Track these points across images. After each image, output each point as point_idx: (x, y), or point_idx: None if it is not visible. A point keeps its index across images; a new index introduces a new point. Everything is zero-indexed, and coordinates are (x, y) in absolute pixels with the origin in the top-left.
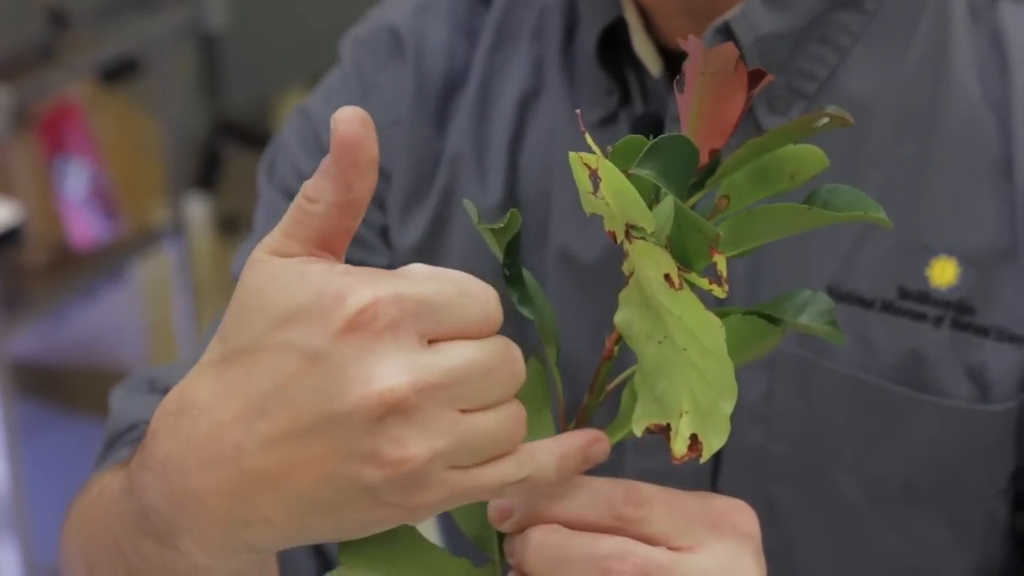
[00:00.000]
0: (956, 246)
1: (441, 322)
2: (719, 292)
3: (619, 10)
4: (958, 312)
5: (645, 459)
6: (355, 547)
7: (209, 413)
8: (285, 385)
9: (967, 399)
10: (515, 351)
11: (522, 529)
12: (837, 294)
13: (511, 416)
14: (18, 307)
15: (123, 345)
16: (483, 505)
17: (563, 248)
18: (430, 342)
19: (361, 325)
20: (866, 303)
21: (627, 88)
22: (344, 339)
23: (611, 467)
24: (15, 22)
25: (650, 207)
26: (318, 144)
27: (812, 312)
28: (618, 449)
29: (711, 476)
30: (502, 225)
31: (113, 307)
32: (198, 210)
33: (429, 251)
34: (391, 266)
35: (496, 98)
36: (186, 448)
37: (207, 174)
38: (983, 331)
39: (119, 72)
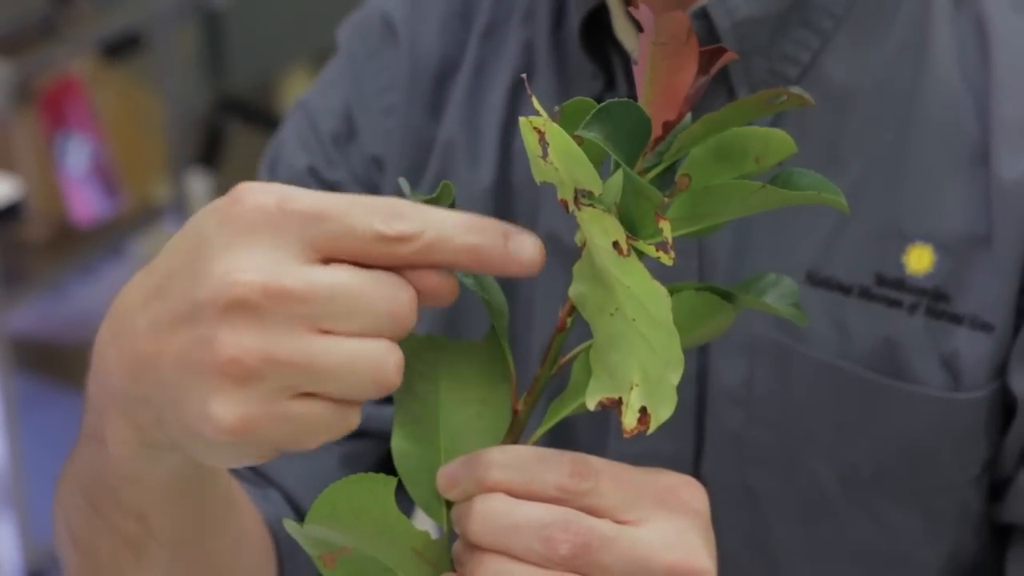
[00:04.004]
0: (933, 233)
1: (327, 232)
2: (666, 259)
3: None
4: (933, 299)
5: (628, 444)
6: (325, 505)
7: (126, 295)
8: (176, 270)
9: (939, 387)
10: (404, 293)
11: (468, 498)
12: (816, 279)
13: (370, 353)
14: (18, 283)
15: None
16: (432, 473)
17: (551, 232)
18: (327, 261)
19: (239, 215)
20: (844, 289)
21: (612, 72)
22: (224, 226)
23: (594, 451)
24: None
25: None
26: (316, 137)
27: (776, 293)
28: (601, 433)
29: (693, 462)
30: (435, 195)
31: (114, 283)
32: (199, 187)
33: None
34: None
35: (489, 83)
36: (107, 328)
37: (209, 151)
38: (957, 319)
39: (121, 48)
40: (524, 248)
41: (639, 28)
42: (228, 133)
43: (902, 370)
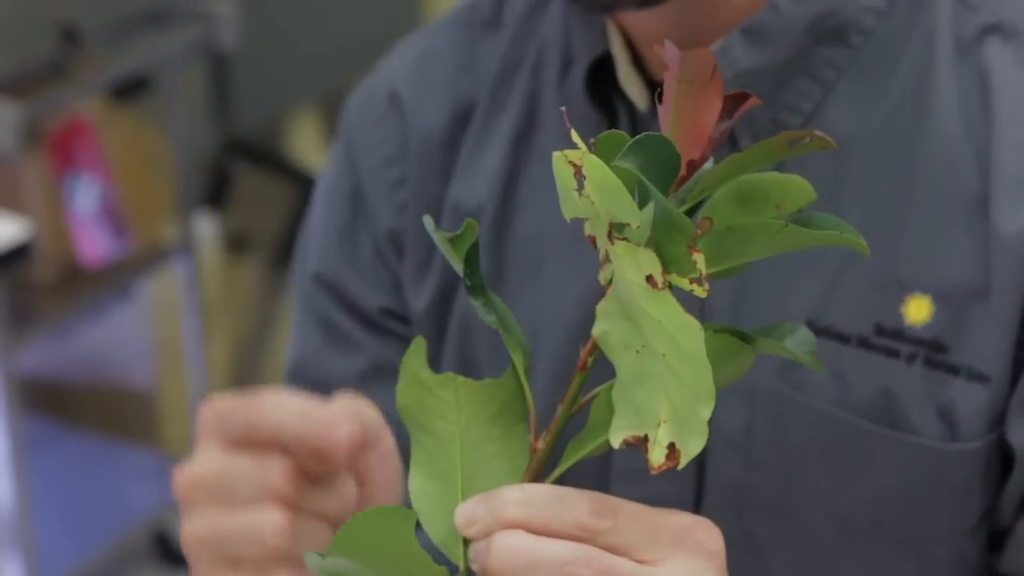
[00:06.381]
0: (931, 284)
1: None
2: (700, 292)
3: (607, 44)
4: (931, 350)
5: (631, 486)
6: (346, 538)
7: None
8: None
9: (936, 437)
10: (269, 468)
11: (487, 535)
12: (815, 329)
13: (259, 521)
14: (26, 323)
15: (130, 363)
16: (450, 511)
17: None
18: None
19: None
20: (843, 339)
21: (616, 121)
22: None
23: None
24: (27, 39)
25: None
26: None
27: (793, 341)
28: (603, 475)
29: (693, 507)
30: (459, 233)
31: (121, 324)
32: (207, 228)
33: (442, 304)
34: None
35: (493, 135)
36: None
37: (216, 192)
38: (954, 370)
39: (130, 90)
40: None
41: (648, 79)
42: (235, 175)
43: (899, 420)
